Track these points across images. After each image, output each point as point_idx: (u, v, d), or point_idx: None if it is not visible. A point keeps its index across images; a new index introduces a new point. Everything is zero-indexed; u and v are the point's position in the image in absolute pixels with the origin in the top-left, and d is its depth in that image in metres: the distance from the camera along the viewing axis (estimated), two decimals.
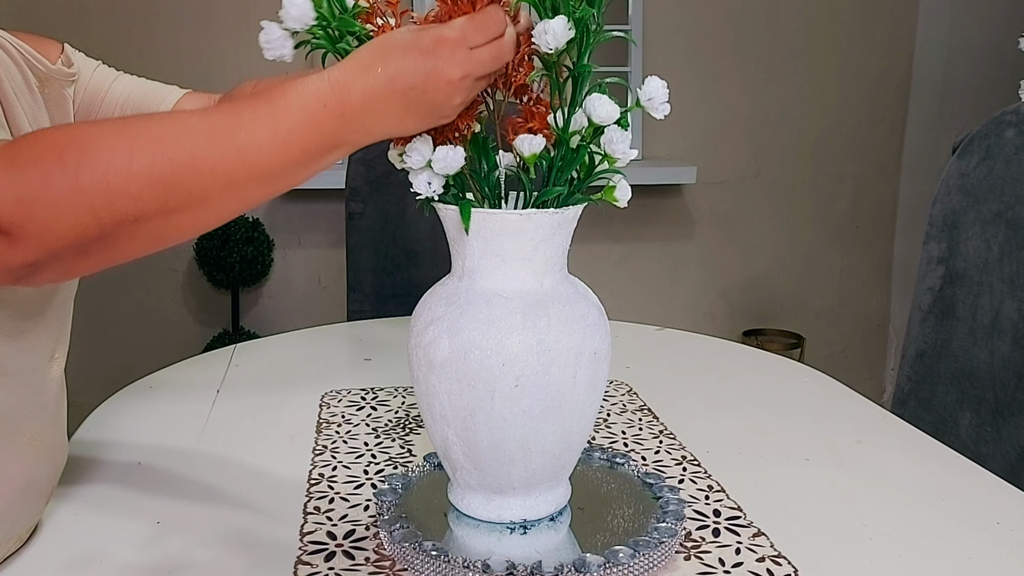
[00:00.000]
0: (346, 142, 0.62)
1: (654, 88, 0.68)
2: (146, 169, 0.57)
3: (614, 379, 1.15)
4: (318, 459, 0.91)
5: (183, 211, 0.59)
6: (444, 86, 0.61)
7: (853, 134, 2.69)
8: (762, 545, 0.74)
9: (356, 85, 0.60)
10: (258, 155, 0.59)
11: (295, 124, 0.59)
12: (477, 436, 0.70)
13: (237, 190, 0.60)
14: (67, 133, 0.59)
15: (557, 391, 0.69)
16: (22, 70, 0.77)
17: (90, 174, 0.56)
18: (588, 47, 0.67)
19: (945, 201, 1.25)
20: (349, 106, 0.60)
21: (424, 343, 0.70)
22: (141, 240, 0.60)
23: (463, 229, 0.69)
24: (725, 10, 2.54)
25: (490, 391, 0.68)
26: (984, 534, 0.78)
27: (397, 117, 0.62)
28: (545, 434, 0.71)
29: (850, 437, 0.98)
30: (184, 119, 0.60)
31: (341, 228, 1.83)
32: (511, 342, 0.67)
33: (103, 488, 0.86)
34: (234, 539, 0.76)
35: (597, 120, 0.66)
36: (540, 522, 0.76)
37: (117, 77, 0.86)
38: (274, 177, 0.61)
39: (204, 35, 2.33)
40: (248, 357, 1.27)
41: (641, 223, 2.63)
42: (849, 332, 2.83)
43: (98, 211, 0.56)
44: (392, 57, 0.61)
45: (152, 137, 0.58)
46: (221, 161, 0.58)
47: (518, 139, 0.67)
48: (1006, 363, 1.14)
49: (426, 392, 0.71)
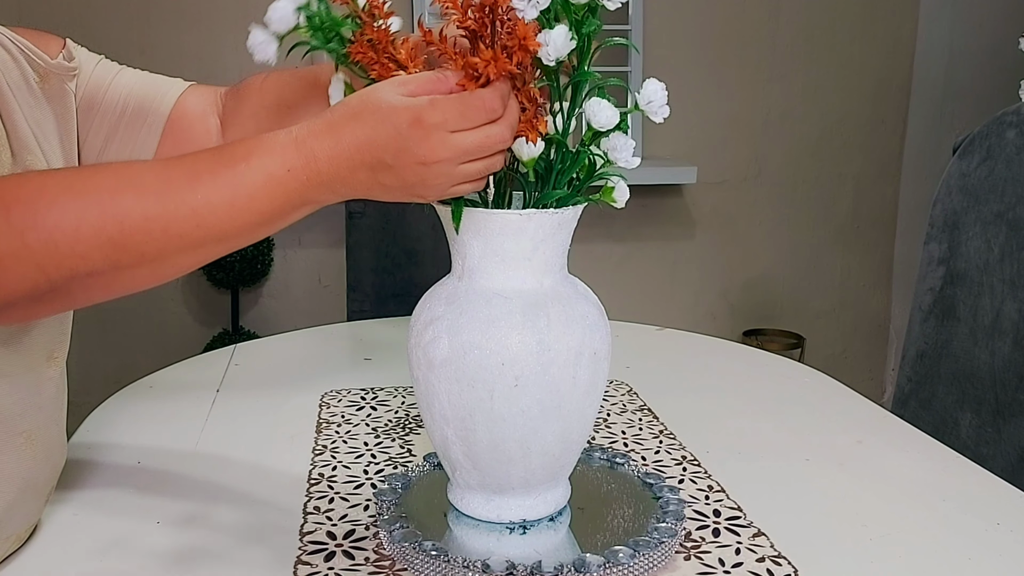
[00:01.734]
0: (312, 202, 0.60)
1: (653, 91, 0.67)
2: (95, 230, 0.55)
3: (614, 379, 1.15)
4: (318, 459, 0.91)
5: (137, 267, 0.57)
6: (416, 167, 0.58)
7: (854, 134, 2.69)
8: (762, 545, 0.74)
9: (324, 150, 0.58)
10: (215, 219, 0.57)
11: (255, 189, 0.57)
12: (476, 436, 0.70)
13: (192, 250, 0.58)
14: (16, 188, 0.57)
15: (557, 391, 0.69)
16: (20, 66, 0.76)
17: (36, 234, 0.54)
18: (588, 55, 0.67)
19: (946, 202, 1.25)
20: (315, 172, 0.58)
21: (424, 343, 0.70)
22: (97, 291, 0.59)
23: (473, 231, 0.69)
24: (726, 10, 2.54)
25: (489, 391, 0.68)
26: (984, 534, 0.78)
27: (365, 186, 0.60)
28: (545, 434, 0.70)
29: (850, 437, 0.98)
30: (139, 174, 0.58)
31: (341, 228, 1.84)
32: (511, 342, 0.67)
33: (103, 488, 0.86)
34: (234, 539, 0.76)
35: (597, 125, 0.66)
36: (540, 522, 0.75)
37: (120, 71, 0.84)
38: (232, 238, 0.59)
39: (205, 33, 2.33)
40: (248, 357, 1.27)
41: (641, 223, 2.63)
42: (850, 332, 2.83)
43: (46, 268, 0.55)
44: (364, 123, 0.58)
45: (102, 196, 0.56)
46: (175, 223, 0.56)
47: (517, 143, 0.66)
48: (1007, 364, 1.14)
49: (426, 392, 0.71)
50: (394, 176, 0.59)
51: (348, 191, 0.60)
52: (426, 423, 0.74)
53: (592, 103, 0.66)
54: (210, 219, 0.57)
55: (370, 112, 0.58)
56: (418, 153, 0.58)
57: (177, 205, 0.56)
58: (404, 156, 0.58)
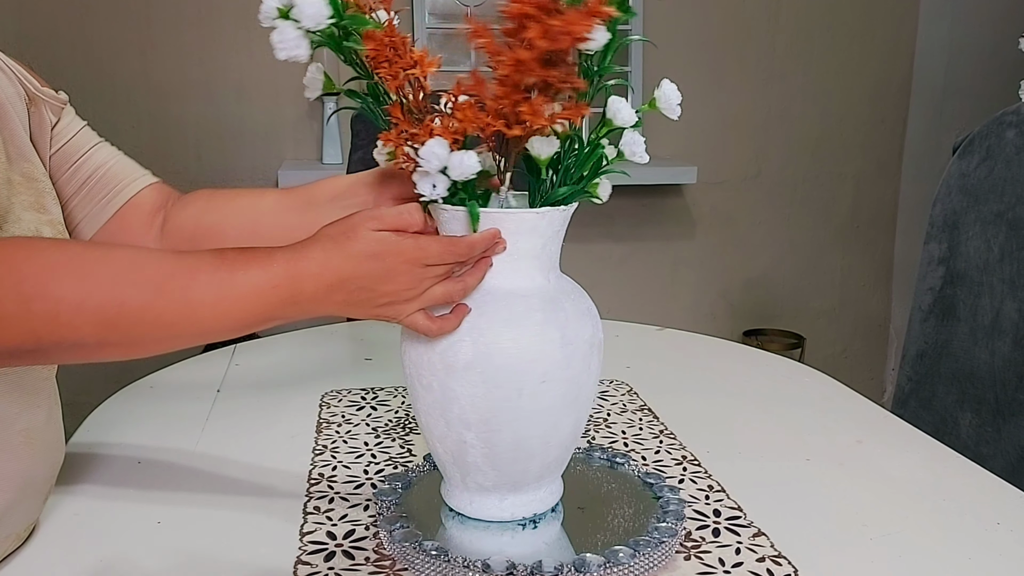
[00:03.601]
0: (281, 318, 0.66)
1: (671, 91, 0.71)
2: (95, 310, 0.60)
3: (614, 379, 1.16)
4: (318, 459, 0.91)
5: (120, 346, 0.63)
6: (390, 291, 0.66)
7: (854, 134, 2.69)
8: (762, 545, 0.74)
9: (310, 278, 0.64)
10: (202, 316, 0.63)
11: (242, 296, 0.63)
12: (500, 436, 0.70)
13: (172, 338, 0.64)
14: (27, 259, 0.60)
15: (576, 383, 0.70)
16: (15, 86, 0.79)
17: (42, 303, 0.59)
18: (612, 50, 0.69)
19: (946, 201, 1.25)
20: (299, 293, 0.64)
21: (441, 348, 0.69)
22: (73, 357, 0.64)
23: (470, 230, 0.68)
24: (726, 10, 2.54)
25: (518, 389, 0.68)
26: (984, 534, 0.78)
27: (337, 307, 0.66)
28: (563, 427, 0.72)
29: (850, 437, 0.98)
30: (144, 263, 0.64)
31: None
32: (536, 338, 0.68)
33: (103, 488, 0.86)
34: (234, 539, 0.76)
35: (619, 123, 0.69)
36: (545, 515, 0.76)
37: (99, 144, 0.88)
38: (209, 335, 0.65)
39: (205, 33, 2.33)
40: (248, 357, 1.27)
41: (642, 223, 2.63)
42: (850, 332, 2.83)
43: (40, 334, 0.59)
44: (348, 256, 0.65)
45: (109, 280, 0.61)
46: (167, 314, 0.62)
47: (533, 140, 0.67)
48: (1006, 363, 1.14)
49: (441, 398, 0.70)
50: (369, 300, 0.67)
51: (318, 312, 0.66)
52: (435, 430, 0.73)
53: (613, 101, 0.69)
54: (199, 314, 0.63)
55: (357, 256, 0.65)
56: (396, 281, 0.66)
57: (175, 298, 0.62)
58: (384, 284, 0.66)
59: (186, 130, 2.39)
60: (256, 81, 2.37)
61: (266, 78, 2.36)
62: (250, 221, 0.87)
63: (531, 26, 0.59)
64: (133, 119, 2.37)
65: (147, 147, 2.39)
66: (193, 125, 2.39)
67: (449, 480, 0.77)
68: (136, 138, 2.38)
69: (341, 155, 2.36)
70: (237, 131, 2.41)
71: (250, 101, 2.39)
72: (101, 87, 2.34)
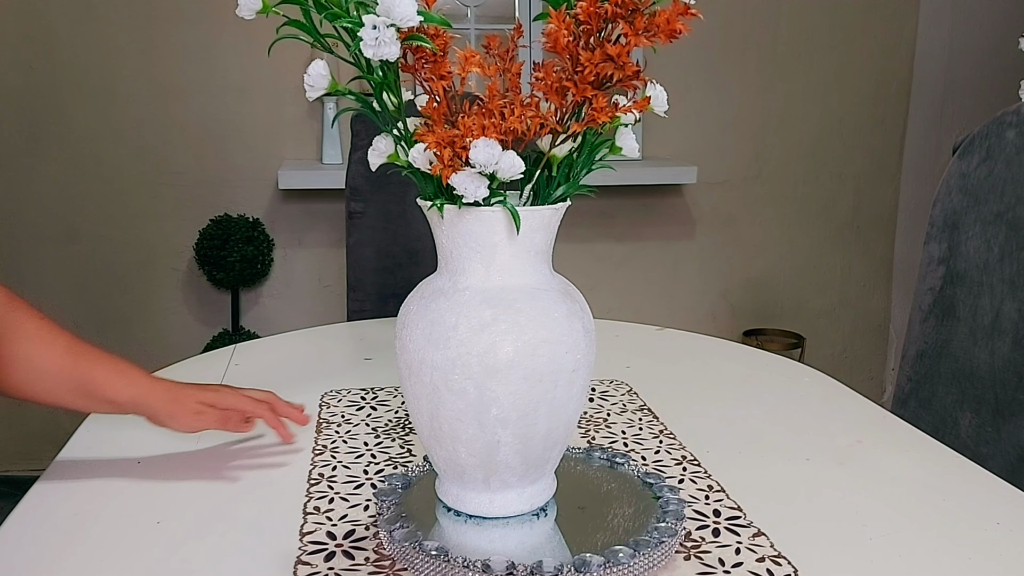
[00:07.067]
0: None
1: (659, 93, 0.74)
2: None
3: (614, 379, 1.16)
4: (318, 459, 0.91)
5: None
6: None
7: (854, 134, 2.69)
8: (762, 545, 0.74)
9: None
10: None
11: None
12: (535, 429, 0.71)
13: None
14: None
15: (592, 367, 0.74)
16: None
17: None
18: None
19: (946, 201, 1.25)
20: None
21: (478, 351, 0.68)
22: None
23: (509, 230, 0.69)
24: (726, 11, 2.54)
25: (554, 381, 0.70)
26: (984, 534, 0.78)
27: None
28: (580, 411, 0.76)
29: (850, 437, 0.98)
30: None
31: (342, 227, 1.83)
32: (567, 330, 0.70)
33: (103, 488, 0.86)
34: (234, 539, 0.76)
35: (624, 120, 0.71)
36: (549, 504, 0.78)
37: None
38: None
39: (205, 33, 2.33)
40: (248, 357, 1.27)
41: (642, 223, 2.63)
42: (849, 332, 2.83)
43: None
44: None
45: None
46: None
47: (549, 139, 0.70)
48: (1006, 363, 1.14)
49: (477, 401, 0.69)
50: None
51: None
52: (462, 435, 0.71)
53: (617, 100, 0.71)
54: None
55: None
56: None
57: None
58: None
59: (186, 130, 2.39)
60: (256, 81, 2.37)
61: (266, 78, 2.36)
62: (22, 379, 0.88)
63: (620, 24, 0.63)
64: (133, 119, 2.37)
65: (147, 147, 2.39)
66: (193, 125, 2.39)
67: (467, 483, 0.75)
68: (136, 138, 2.38)
69: (341, 155, 2.36)
70: (237, 131, 2.41)
71: (250, 101, 2.39)
72: (101, 87, 2.34)
